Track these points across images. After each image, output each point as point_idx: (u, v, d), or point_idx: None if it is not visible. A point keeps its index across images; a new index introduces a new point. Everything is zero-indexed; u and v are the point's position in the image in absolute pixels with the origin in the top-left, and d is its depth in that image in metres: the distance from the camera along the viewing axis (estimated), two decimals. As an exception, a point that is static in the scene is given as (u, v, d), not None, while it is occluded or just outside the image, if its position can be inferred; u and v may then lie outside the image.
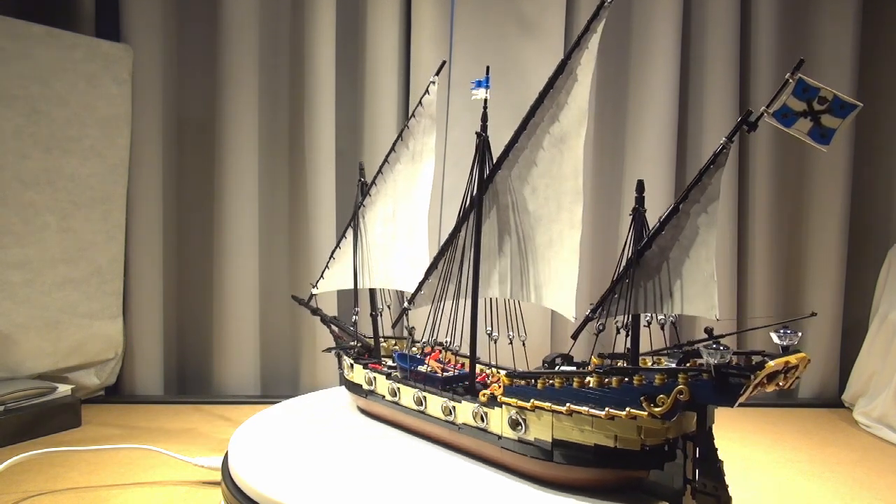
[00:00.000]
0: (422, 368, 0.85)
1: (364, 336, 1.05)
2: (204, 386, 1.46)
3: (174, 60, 1.43)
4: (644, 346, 0.73)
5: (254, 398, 1.39)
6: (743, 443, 1.14)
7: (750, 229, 1.48)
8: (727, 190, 1.45)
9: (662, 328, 0.74)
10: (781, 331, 0.61)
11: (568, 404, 0.67)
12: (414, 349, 0.91)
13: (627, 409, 0.63)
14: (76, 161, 1.26)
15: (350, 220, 1.03)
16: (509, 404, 0.73)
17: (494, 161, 0.82)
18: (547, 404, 0.69)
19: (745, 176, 1.49)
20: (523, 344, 0.85)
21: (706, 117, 1.45)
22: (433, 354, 0.90)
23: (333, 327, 1.10)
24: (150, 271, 1.40)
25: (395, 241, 0.97)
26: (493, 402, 0.75)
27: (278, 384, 1.47)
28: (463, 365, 0.88)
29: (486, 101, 0.82)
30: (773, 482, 0.96)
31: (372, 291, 1.05)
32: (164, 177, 1.42)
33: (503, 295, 0.83)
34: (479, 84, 0.82)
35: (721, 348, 0.58)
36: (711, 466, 0.63)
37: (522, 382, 0.73)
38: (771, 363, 0.57)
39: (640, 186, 0.72)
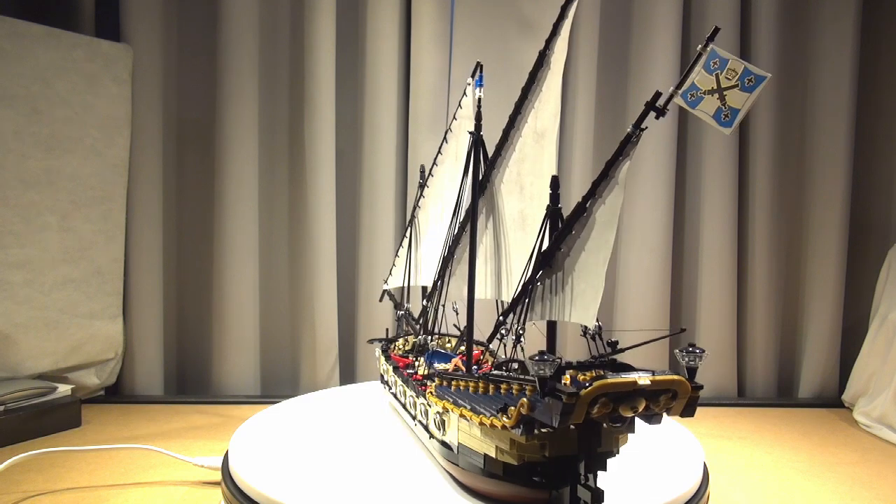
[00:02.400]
0: (440, 366, 0.85)
1: (440, 334, 1.04)
2: (204, 386, 1.46)
3: (174, 60, 1.43)
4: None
5: (254, 398, 1.39)
6: (743, 443, 1.14)
7: (750, 229, 1.48)
8: (727, 190, 1.45)
9: (594, 337, 0.67)
10: (689, 349, 0.55)
11: (462, 408, 0.64)
12: (447, 346, 0.91)
13: (491, 417, 0.59)
14: (77, 161, 1.26)
15: (410, 219, 1.06)
16: (432, 404, 0.72)
17: (490, 161, 0.81)
18: (456, 407, 0.66)
19: (745, 175, 1.49)
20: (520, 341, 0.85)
21: (706, 117, 1.45)
22: (474, 354, 0.91)
23: (410, 324, 1.10)
24: (150, 271, 1.40)
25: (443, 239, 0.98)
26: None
27: (278, 384, 1.47)
28: (491, 366, 0.87)
29: (479, 99, 0.82)
30: (773, 482, 0.96)
31: (424, 289, 1.06)
32: (164, 177, 1.42)
33: (496, 296, 0.83)
34: (476, 83, 0.83)
35: (548, 360, 0.51)
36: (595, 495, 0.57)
37: (445, 382, 0.72)
38: (598, 383, 0.50)
39: (555, 183, 0.67)
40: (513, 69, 1.39)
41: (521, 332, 0.64)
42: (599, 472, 0.61)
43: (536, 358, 0.52)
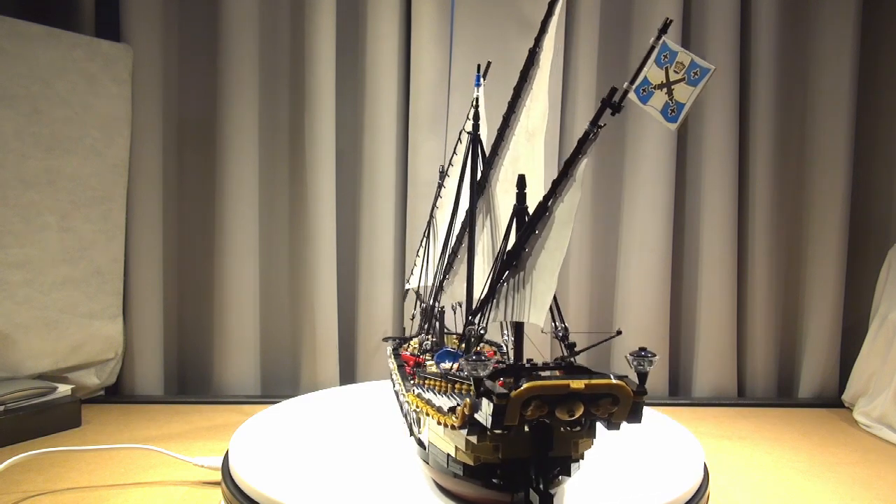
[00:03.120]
0: (445, 366, 0.85)
1: (455, 333, 1.04)
2: (204, 386, 1.46)
3: (174, 60, 1.43)
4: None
5: (254, 398, 1.39)
6: (743, 443, 1.14)
7: (750, 229, 1.48)
8: (727, 190, 1.45)
9: (562, 339, 0.66)
10: (639, 353, 0.55)
11: (427, 405, 0.64)
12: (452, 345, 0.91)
13: (443, 416, 0.58)
14: (76, 161, 1.26)
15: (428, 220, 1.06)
16: (411, 401, 0.71)
17: (487, 161, 0.81)
18: (424, 404, 0.66)
19: (745, 176, 1.49)
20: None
21: (706, 117, 1.45)
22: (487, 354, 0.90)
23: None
24: (150, 271, 1.40)
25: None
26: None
27: (278, 384, 1.47)
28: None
29: (477, 98, 0.82)
30: (773, 482, 0.96)
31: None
32: (164, 177, 1.42)
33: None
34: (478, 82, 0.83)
35: (482, 361, 0.50)
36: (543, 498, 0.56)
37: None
38: (528, 385, 0.50)
39: (521, 182, 0.65)
40: (513, 69, 1.39)
41: (482, 332, 0.64)
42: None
43: (472, 358, 0.51)
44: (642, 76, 0.58)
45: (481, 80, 0.85)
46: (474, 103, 0.83)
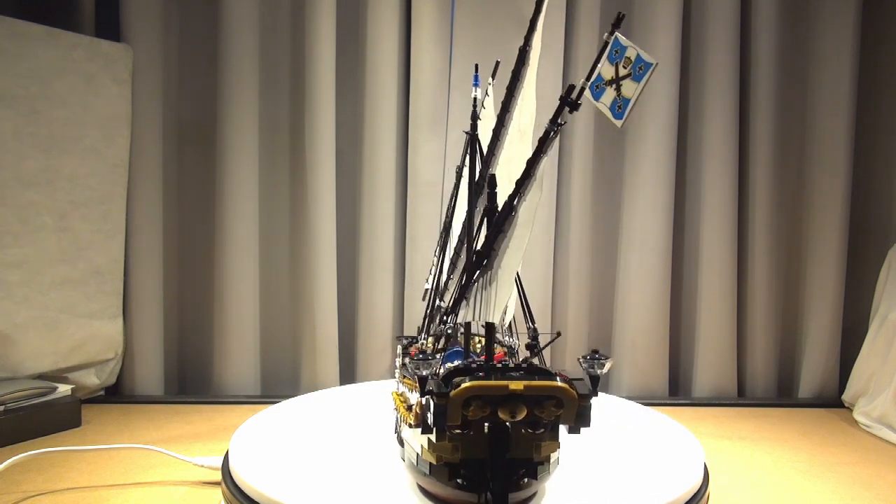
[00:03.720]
0: (451, 365, 0.85)
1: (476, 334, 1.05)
2: (204, 386, 1.46)
3: (174, 60, 1.43)
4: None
5: (254, 398, 1.39)
6: (743, 443, 1.14)
7: (750, 229, 1.48)
8: (727, 190, 1.45)
9: (534, 339, 0.66)
10: (590, 356, 0.54)
11: (399, 401, 0.64)
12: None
13: (404, 414, 0.58)
14: (75, 161, 1.26)
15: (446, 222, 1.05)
16: (394, 399, 0.71)
17: (484, 161, 0.81)
18: (400, 403, 0.65)
19: (745, 176, 1.49)
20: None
21: (706, 117, 1.46)
22: (497, 354, 0.91)
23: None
24: (150, 271, 1.40)
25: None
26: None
27: (278, 384, 1.47)
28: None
29: (475, 98, 0.82)
30: (773, 482, 0.96)
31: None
32: (164, 177, 1.42)
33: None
34: (477, 82, 0.82)
35: (426, 359, 0.50)
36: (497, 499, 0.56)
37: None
38: (466, 385, 0.50)
39: (492, 181, 0.65)
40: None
41: (449, 332, 0.64)
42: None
43: (419, 357, 0.51)
44: (597, 72, 0.57)
45: (480, 80, 0.85)
46: (476, 103, 0.83)
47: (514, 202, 0.59)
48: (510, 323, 0.87)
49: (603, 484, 0.75)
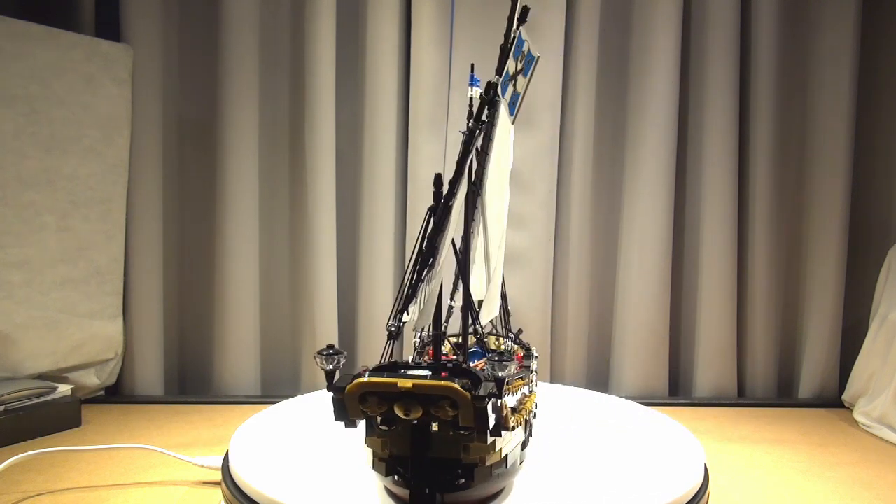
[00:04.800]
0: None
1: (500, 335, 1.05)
2: (204, 386, 1.46)
3: (174, 60, 1.43)
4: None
5: (254, 398, 1.39)
6: (743, 443, 1.14)
7: (750, 229, 1.48)
8: (727, 190, 1.45)
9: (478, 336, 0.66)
10: (325, 352, 0.54)
11: None
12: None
13: None
14: (75, 161, 1.26)
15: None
16: None
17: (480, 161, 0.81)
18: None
19: (745, 176, 1.49)
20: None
21: (706, 117, 1.46)
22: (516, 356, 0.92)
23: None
24: (150, 271, 1.40)
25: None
26: None
27: (278, 384, 1.47)
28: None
29: (471, 98, 0.82)
30: (773, 482, 0.96)
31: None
32: (164, 177, 1.42)
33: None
34: (474, 82, 0.83)
35: (332, 354, 0.51)
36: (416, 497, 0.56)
37: None
38: (357, 381, 0.51)
39: (438, 181, 0.65)
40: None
41: (392, 329, 0.64)
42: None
43: (324, 352, 0.52)
44: (506, 69, 0.58)
45: (478, 81, 0.85)
46: (473, 103, 0.83)
47: (450, 202, 0.60)
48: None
49: (603, 484, 0.75)
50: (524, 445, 0.74)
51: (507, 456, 0.64)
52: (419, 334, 0.85)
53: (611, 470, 0.79)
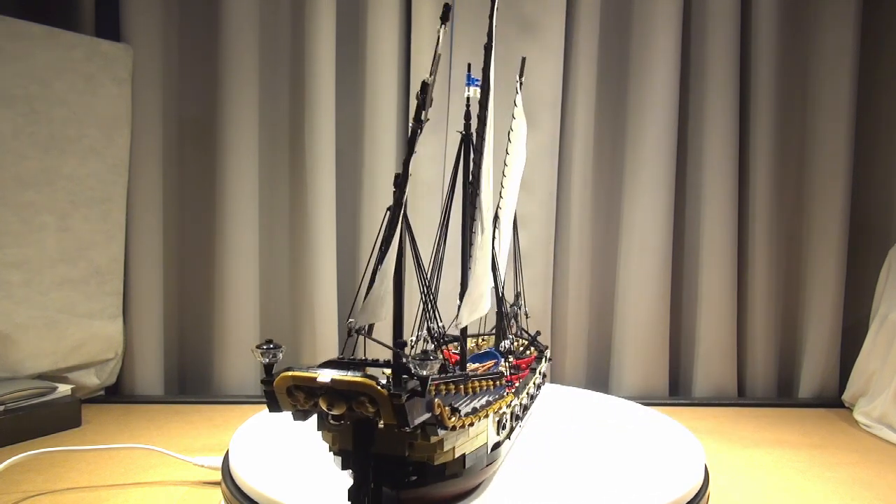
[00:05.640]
0: (472, 366, 0.86)
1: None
2: (204, 386, 1.46)
3: (174, 60, 1.43)
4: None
5: (254, 398, 1.39)
6: (743, 443, 1.14)
7: (750, 230, 1.48)
8: (727, 191, 1.45)
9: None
10: (264, 346, 0.55)
11: None
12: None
13: None
14: (75, 161, 1.26)
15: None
16: None
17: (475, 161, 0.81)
18: None
19: (746, 176, 1.49)
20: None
21: (707, 118, 1.46)
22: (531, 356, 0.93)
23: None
24: (150, 271, 1.40)
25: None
26: None
27: (278, 384, 1.47)
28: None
29: (468, 98, 0.82)
30: (773, 482, 0.96)
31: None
32: (164, 177, 1.42)
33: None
34: (471, 82, 0.83)
35: (269, 349, 0.52)
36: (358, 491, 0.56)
37: None
38: (282, 375, 0.52)
39: (398, 180, 0.65)
40: (513, 70, 1.39)
41: (349, 325, 0.64)
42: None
43: (262, 347, 0.53)
44: (436, 66, 0.59)
45: (475, 80, 0.85)
46: (470, 103, 0.83)
47: (402, 199, 0.61)
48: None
49: (603, 484, 0.75)
50: (496, 446, 0.73)
51: (464, 456, 0.64)
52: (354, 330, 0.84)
53: (611, 470, 0.79)
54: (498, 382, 0.73)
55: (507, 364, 0.86)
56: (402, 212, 0.59)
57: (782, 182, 1.49)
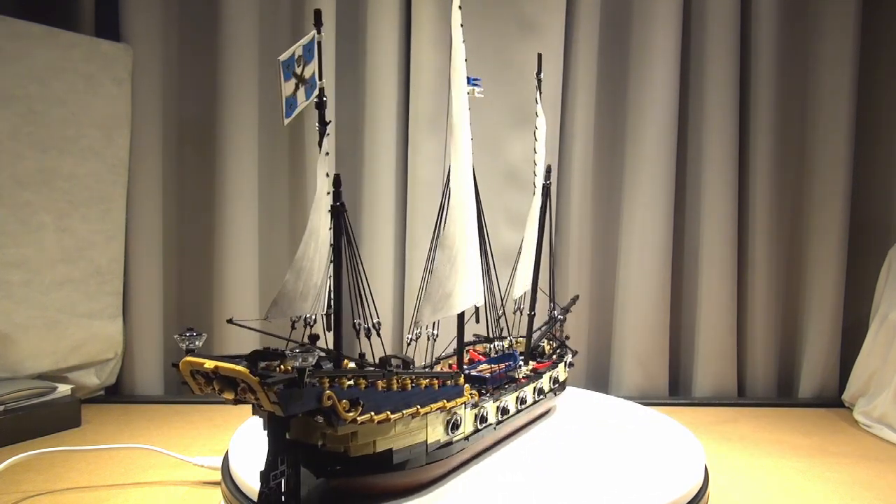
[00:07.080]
0: (483, 367, 0.86)
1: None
2: (204, 386, 1.45)
3: (174, 60, 1.43)
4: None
5: (254, 398, 1.39)
6: (744, 443, 1.15)
7: (750, 230, 1.48)
8: (727, 191, 1.45)
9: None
10: (185, 333, 0.57)
11: None
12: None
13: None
14: (73, 161, 1.26)
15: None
16: None
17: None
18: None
19: (745, 176, 1.49)
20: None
21: (706, 117, 1.45)
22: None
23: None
24: (150, 271, 1.40)
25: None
26: None
27: (278, 384, 1.47)
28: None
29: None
30: (773, 482, 0.96)
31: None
32: (164, 177, 1.42)
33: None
34: (472, 82, 0.83)
35: (190, 336, 0.55)
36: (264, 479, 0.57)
37: None
38: (184, 359, 0.54)
39: (337, 181, 0.68)
40: (513, 70, 1.39)
41: (310, 322, 0.66)
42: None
43: (184, 334, 0.55)
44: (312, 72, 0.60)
45: (476, 80, 0.86)
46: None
47: (338, 203, 0.65)
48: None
49: (603, 484, 0.75)
50: (446, 444, 0.72)
51: (391, 451, 0.64)
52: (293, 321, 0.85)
53: (611, 470, 0.79)
54: (451, 382, 0.72)
55: (517, 367, 0.87)
56: (339, 210, 0.66)
57: (782, 182, 1.49)
